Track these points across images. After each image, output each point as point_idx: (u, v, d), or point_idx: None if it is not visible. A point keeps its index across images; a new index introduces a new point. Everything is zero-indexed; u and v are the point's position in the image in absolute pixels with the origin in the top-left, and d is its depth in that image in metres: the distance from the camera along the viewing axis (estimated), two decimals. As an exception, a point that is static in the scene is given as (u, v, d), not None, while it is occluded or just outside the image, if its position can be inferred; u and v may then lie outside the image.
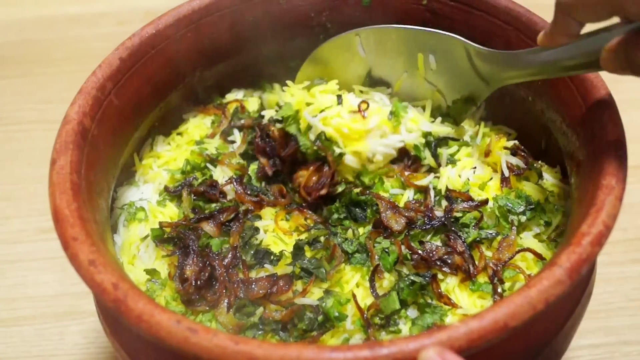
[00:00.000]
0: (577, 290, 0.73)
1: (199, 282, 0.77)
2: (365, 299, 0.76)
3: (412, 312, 0.75)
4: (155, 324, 0.57)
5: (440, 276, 0.77)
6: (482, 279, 0.77)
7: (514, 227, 0.79)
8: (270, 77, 1.00)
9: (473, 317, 0.56)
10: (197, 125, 0.95)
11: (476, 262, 0.77)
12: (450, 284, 0.76)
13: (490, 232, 0.80)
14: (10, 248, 1.15)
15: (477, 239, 0.79)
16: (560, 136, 0.83)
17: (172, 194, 0.87)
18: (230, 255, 0.80)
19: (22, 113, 1.38)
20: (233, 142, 0.93)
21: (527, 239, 0.80)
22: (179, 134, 0.95)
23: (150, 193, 0.89)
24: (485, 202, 0.81)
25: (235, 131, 0.94)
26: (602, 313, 1.03)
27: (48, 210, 0.67)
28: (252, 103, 0.98)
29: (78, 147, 0.72)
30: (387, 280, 0.76)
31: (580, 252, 0.61)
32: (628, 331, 1.01)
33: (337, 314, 0.73)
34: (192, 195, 0.86)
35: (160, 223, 0.83)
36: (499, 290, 0.75)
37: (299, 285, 0.77)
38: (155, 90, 0.88)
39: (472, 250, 0.78)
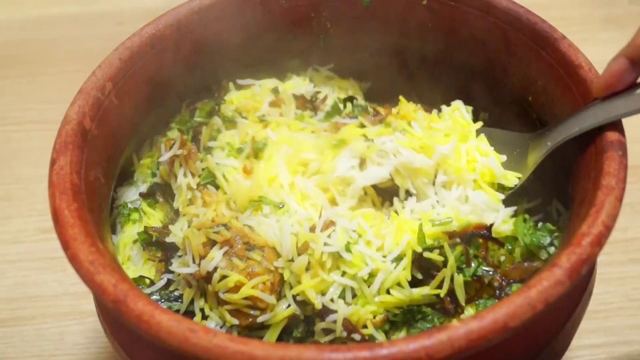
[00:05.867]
0: (577, 291, 0.72)
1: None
2: None
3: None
4: (155, 324, 0.57)
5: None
6: (486, 294, 0.76)
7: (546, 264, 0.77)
8: (269, 76, 1.00)
9: (473, 317, 0.56)
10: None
11: (462, 303, 0.74)
12: None
13: (487, 269, 0.76)
14: (10, 248, 1.15)
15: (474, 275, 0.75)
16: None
17: (146, 197, 0.87)
18: None
19: (22, 113, 1.38)
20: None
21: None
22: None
23: (147, 194, 0.89)
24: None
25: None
26: (602, 313, 1.02)
27: (48, 210, 0.67)
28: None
29: (78, 147, 0.72)
30: None
31: (580, 252, 0.61)
32: (628, 331, 1.01)
33: None
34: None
35: (145, 227, 0.83)
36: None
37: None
38: (155, 90, 0.88)
39: (468, 286, 0.75)
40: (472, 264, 0.74)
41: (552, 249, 0.77)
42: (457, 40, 0.92)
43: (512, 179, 0.82)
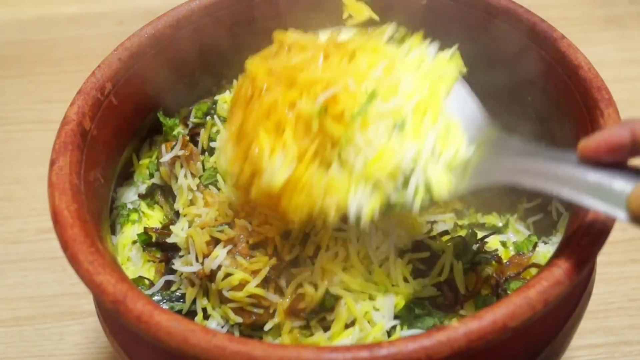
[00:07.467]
0: (577, 291, 0.72)
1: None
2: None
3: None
4: (154, 324, 0.57)
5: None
6: (485, 291, 0.76)
7: (533, 251, 0.78)
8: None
9: (472, 317, 0.56)
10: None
11: (461, 292, 0.74)
12: None
13: (485, 256, 0.77)
14: (10, 248, 1.15)
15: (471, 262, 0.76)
16: (559, 136, 0.83)
17: (144, 198, 0.87)
18: None
19: (22, 113, 1.38)
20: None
21: (537, 253, 0.79)
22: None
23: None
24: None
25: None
26: (602, 313, 1.02)
27: (48, 210, 0.67)
28: None
29: (77, 147, 0.72)
30: None
31: (579, 252, 0.61)
32: (628, 331, 1.00)
33: None
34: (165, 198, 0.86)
35: (145, 228, 0.83)
36: None
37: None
38: (155, 91, 0.88)
39: (467, 275, 0.75)
40: (469, 252, 0.75)
41: (544, 247, 0.78)
42: (456, 40, 0.92)
43: (443, 189, 0.62)
